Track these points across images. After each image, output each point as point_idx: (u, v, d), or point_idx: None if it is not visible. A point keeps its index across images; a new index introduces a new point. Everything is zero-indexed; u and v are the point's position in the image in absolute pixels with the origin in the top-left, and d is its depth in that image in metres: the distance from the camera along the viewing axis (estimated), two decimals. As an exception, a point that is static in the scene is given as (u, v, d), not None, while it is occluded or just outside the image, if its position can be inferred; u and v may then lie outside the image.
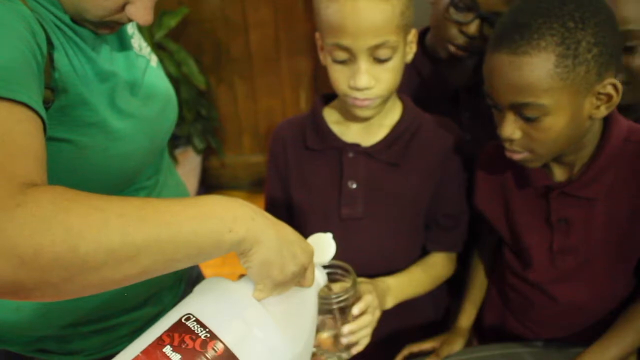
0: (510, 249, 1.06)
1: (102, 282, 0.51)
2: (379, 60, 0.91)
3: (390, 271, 1.03)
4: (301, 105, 2.85)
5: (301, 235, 0.68)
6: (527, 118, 0.84)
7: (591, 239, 0.95)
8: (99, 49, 0.79)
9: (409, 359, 1.09)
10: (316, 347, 0.87)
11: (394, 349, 1.09)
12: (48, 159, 0.58)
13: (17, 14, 0.63)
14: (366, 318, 0.89)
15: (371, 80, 0.91)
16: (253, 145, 2.97)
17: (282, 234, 0.63)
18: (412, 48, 0.97)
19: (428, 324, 1.16)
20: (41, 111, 0.58)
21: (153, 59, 0.93)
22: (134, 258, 0.51)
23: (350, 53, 0.90)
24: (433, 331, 1.14)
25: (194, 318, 0.58)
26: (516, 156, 0.90)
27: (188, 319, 0.58)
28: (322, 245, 0.76)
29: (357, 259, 0.90)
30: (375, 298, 0.91)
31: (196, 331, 0.57)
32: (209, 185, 2.98)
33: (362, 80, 0.90)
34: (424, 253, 1.11)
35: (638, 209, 0.92)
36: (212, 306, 0.60)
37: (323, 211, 1.05)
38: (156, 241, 0.53)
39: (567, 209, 0.95)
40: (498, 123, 0.89)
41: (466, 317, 1.15)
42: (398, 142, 1.02)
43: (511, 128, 0.86)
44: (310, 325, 0.69)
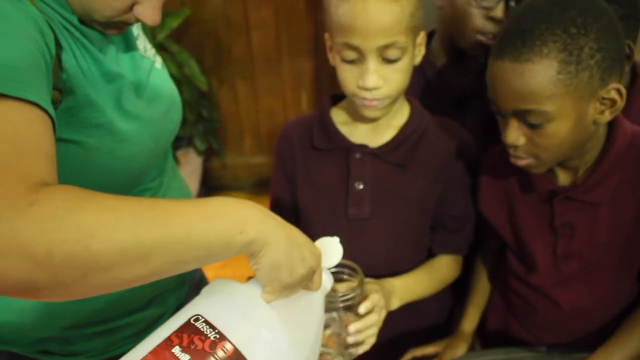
0: (513, 254, 1.06)
1: (112, 282, 0.51)
2: (388, 60, 0.91)
3: (395, 272, 1.03)
4: (302, 106, 2.85)
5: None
6: (531, 124, 0.84)
7: (595, 244, 0.95)
8: (106, 50, 0.79)
9: (412, 363, 1.10)
10: (322, 347, 0.87)
11: (398, 351, 1.09)
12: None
13: (27, 15, 0.62)
14: (373, 317, 0.89)
15: (380, 80, 0.91)
16: (254, 146, 2.96)
17: (292, 237, 0.63)
18: (421, 50, 0.98)
19: (432, 326, 1.16)
20: (51, 111, 0.58)
21: (158, 61, 0.93)
22: (145, 258, 0.51)
23: (359, 53, 0.90)
24: (437, 333, 1.14)
25: (203, 319, 0.58)
26: (520, 162, 0.90)
27: (197, 320, 0.58)
28: (329, 249, 0.75)
29: (363, 260, 0.90)
30: (381, 298, 0.91)
31: (205, 332, 0.57)
32: (210, 186, 2.98)
33: (371, 80, 0.91)
34: (430, 255, 1.11)
35: (643, 214, 0.92)
36: (221, 307, 0.60)
37: (329, 211, 1.05)
38: (167, 242, 0.52)
39: (571, 214, 0.95)
40: (502, 129, 0.89)
41: (469, 322, 1.16)
42: (405, 144, 1.03)
43: (515, 134, 0.86)
44: (317, 327, 0.69)
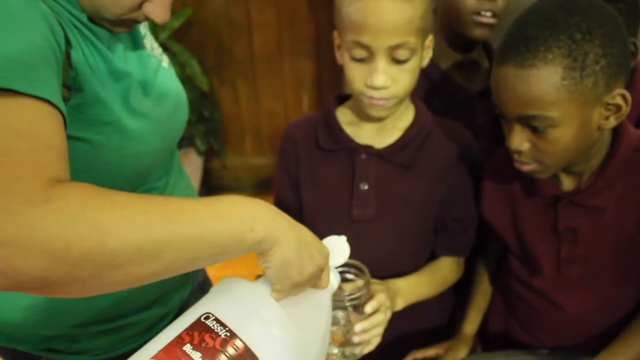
0: (516, 257, 1.06)
1: (127, 279, 0.51)
2: (397, 60, 0.91)
3: (398, 273, 1.03)
4: (303, 106, 2.85)
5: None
6: (535, 130, 0.84)
7: (599, 248, 0.95)
8: (114, 48, 0.79)
9: (413, 365, 1.10)
10: (328, 346, 0.87)
11: (400, 352, 1.10)
12: None
13: (38, 12, 0.63)
14: (379, 317, 0.89)
15: (388, 79, 0.91)
16: (255, 147, 2.96)
17: (301, 235, 0.64)
18: (429, 53, 0.98)
19: (434, 328, 1.16)
20: (62, 108, 0.58)
21: (164, 60, 0.93)
22: (158, 255, 0.52)
23: (369, 51, 0.91)
24: (439, 335, 1.14)
25: (214, 317, 0.59)
26: (525, 167, 0.89)
27: (207, 318, 0.59)
28: (337, 248, 0.76)
29: (366, 261, 0.91)
30: (387, 298, 0.91)
31: (216, 330, 0.57)
32: (211, 186, 2.97)
33: (380, 79, 0.91)
34: (432, 257, 1.11)
35: (647, 219, 0.92)
36: (231, 306, 0.61)
37: (334, 212, 1.05)
38: (180, 239, 0.53)
39: (575, 218, 0.95)
40: (506, 134, 0.88)
41: (470, 324, 1.16)
42: (410, 145, 1.03)
43: (519, 140, 0.86)
44: (324, 326, 0.69)
